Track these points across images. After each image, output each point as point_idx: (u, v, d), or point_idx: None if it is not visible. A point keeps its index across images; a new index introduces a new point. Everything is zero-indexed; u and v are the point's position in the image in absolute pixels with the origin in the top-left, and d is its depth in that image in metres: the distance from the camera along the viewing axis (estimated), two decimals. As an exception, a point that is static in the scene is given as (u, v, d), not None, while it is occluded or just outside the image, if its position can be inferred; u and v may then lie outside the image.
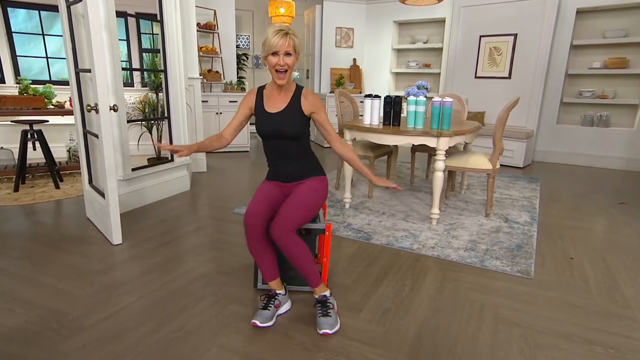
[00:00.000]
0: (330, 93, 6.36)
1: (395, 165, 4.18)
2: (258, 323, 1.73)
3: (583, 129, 5.28)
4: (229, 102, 5.67)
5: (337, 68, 6.68)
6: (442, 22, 6.17)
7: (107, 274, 2.21)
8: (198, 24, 5.43)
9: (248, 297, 2.00)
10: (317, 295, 1.81)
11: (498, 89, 5.51)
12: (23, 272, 2.22)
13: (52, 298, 1.96)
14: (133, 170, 3.24)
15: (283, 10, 5.83)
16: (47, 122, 4.03)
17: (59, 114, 4.09)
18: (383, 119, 3.22)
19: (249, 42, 8.48)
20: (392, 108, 3.11)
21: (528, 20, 5.16)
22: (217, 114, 5.64)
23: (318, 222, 2.02)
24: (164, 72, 3.49)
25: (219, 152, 5.61)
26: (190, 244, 2.63)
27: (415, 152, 4.06)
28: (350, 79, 6.73)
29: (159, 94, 4.06)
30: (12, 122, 4.47)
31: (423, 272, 2.31)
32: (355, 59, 6.73)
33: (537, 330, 1.78)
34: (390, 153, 3.83)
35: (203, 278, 2.18)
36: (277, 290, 1.86)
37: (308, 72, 7.13)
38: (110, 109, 2.50)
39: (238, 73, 7.01)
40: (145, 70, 5.55)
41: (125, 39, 6.10)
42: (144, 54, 6.19)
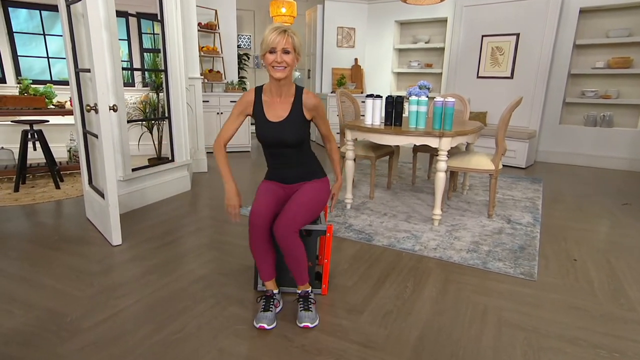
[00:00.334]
0: (332, 93, 6.34)
1: (397, 166, 4.16)
2: (266, 326, 1.73)
3: (586, 129, 5.24)
4: (230, 102, 5.66)
5: (338, 68, 6.66)
6: (444, 21, 6.15)
7: (106, 275, 2.19)
8: (199, 24, 5.42)
9: (248, 299, 1.99)
10: (300, 291, 1.88)
11: (500, 89, 5.48)
12: (22, 273, 2.21)
13: (51, 299, 1.95)
14: (133, 171, 3.22)
15: (284, 10, 5.82)
16: (47, 122, 4.02)
17: (60, 114, 4.08)
18: (384, 119, 3.19)
19: (250, 42, 8.48)
20: (393, 108, 3.09)
21: (530, 20, 5.14)
22: (218, 114, 5.63)
23: (319, 223, 2.00)
24: (165, 72, 3.47)
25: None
26: (191, 245, 2.62)
27: (417, 152, 4.04)
28: (352, 79, 6.71)
29: (160, 94, 4.05)
30: (12, 122, 4.46)
31: (425, 273, 2.29)
32: (357, 59, 6.71)
33: (541, 334, 1.75)
34: (392, 153, 3.81)
35: (203, 279, 2.17)
36: (273, 290, 1.87)
37: (309, 72, 7.11)
38: (110, 109, 2.48)
39: (239, 73, 7.00)
40: (146, 70, 5.55)
41: (127, 39, 6.09)
42: (145, 54, 6.18)
